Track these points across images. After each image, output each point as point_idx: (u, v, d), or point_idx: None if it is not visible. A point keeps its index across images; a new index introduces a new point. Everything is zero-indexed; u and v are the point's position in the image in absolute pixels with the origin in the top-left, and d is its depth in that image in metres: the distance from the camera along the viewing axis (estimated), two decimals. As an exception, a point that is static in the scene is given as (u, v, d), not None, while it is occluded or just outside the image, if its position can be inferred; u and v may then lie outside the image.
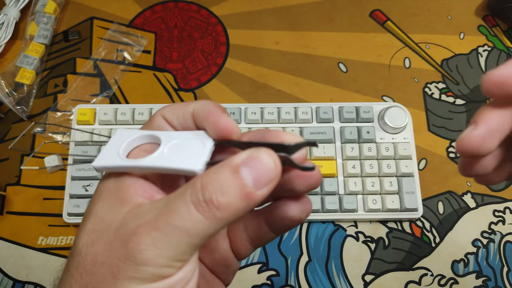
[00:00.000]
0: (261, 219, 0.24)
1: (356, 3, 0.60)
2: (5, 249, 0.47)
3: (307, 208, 0.23)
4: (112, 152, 0.21)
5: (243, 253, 0.25)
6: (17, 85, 0.53)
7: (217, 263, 0.25)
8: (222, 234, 0.25)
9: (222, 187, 0.18)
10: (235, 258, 0.25)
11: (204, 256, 0.25)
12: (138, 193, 0.20)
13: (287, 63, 0.56)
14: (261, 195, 0.18)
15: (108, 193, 0.20)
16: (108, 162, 0.21)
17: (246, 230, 0.24)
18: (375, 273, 0.47)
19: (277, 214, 0.23)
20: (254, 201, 0.18)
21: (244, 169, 0.18)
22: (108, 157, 0.21)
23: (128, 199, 0.20)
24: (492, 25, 0.59)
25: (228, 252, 0.25)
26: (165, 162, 0.20)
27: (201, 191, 0.18)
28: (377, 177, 0.48)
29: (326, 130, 0.49)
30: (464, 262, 0.48)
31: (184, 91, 0.55)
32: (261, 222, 0.24)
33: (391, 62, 0.57)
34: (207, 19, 0.59)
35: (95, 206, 0.20)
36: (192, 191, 0.18)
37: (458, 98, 0.55)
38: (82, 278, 0.19)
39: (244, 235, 0.24)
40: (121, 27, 0.58)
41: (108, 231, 0.19)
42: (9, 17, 0.56)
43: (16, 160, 0.51)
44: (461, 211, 0.50)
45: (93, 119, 0.50)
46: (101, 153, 0.21)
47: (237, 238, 0.25)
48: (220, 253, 0.24)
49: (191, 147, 0.21)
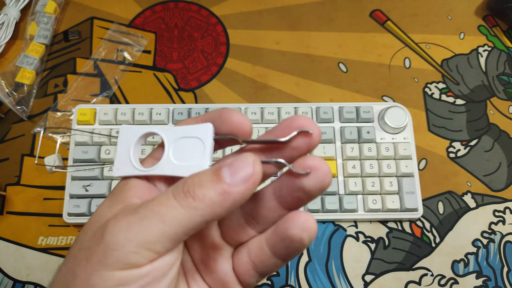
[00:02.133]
0: (262, 241, 0.23)
1: (356, 3, 0.60)
2: (5, 249, 0.47)
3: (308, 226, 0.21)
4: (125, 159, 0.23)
5: (247, 280, 0.24)
6: (17, 85, 0.53)
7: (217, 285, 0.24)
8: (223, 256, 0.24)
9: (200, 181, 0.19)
10: (238, 284, 0.24)
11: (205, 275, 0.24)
12: (136, 195, 0.21)
13: (287, 63, 0.56)
14: (239, 191, 0.19)
15: (113, 194, 0.22)
16: (125, 172, 0.23)
17: (249, 253, 0.24)
18: (375, 273, 0.47)
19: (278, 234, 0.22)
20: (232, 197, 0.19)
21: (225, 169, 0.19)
22: (123, 166, 0.23)
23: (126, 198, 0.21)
24: (492, 25, 0.59)
25: (231, 276, 0.24)
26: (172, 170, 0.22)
27: (182, 184, 0.19)
28: (377, 177, 0.48)
29: (326, 130, 0.49)
30: (464, 262, 0.48)
31: (184, 91, 0.55)
32: (263, 245, 0.23)
33: (391, 62, 0.57)
34: (207, 19, 0.59)
35: (101, 205, 0.22)
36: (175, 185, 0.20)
37: (458, 98, 0.55)
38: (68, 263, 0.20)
39: (247, 259, 0.24)
40: (121, 27, 0.58)
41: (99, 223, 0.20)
42: (9, 17, 0.56)
43: (16, 160, 0.51)
44: (461, 211, 0.50)
45: (93, 119, 0.50)
46: (116, 161, 0.23)
47: (241, 262, 0.24)
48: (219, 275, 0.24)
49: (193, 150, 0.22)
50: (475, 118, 0.54)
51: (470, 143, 0.53)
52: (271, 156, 0.22)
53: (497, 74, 0.56)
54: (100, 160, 0.48)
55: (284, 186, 0.22)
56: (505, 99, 0.55)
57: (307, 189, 0.21)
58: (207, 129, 0.22)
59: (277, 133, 0.22)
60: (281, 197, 0.22)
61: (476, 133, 0.53)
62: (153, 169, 0.22)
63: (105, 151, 0.48)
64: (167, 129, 0.23)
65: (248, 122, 0.22)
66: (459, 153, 0.52)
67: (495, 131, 0.53)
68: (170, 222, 0.18)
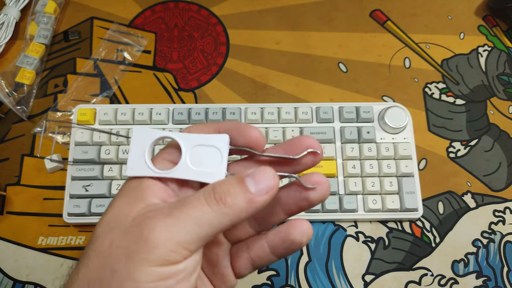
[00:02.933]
0: (264, 241, 0.27)
1: (356, 3, 0.60)
2: (5, 249, 0.47)
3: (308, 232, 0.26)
4: (139, 159, 0.24)
5: (242, 272, 0.27)
6: (17, 85, 0.53)
7: (216, 276, 0.27)
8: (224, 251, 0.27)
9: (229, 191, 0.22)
10: (233, 276, 0.27)
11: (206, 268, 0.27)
12: (155, 195, 0.23)
13: (287, 63, 0.56)
14: (262, 200, 0.22)
15: (129, 191, 0.23)
16: (140, 173, 0.24)
17: (249, 250, 0.27)
18: (375, 273, 0.47)
19: (279, 237, 0.26)
20: (256, 205, 0.22)
21: (248, 179, 0.22)
22: (138, 166, 0.24)
23: (145, 197, 0.23)
24: (492, 25, 0.59)
25: (227, 269, 0.27)
26: (190, 174, 0.24)
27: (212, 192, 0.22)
28: (377, 177, 0.48)
29: (326, 130, 0.49)
30: (464, 262, 0.48)
31: (184, 91, 0.55)
32: (264, 244, 0.27)
33: (391, 62, 0.57)
34: (207, 19, 0.59)
35: (116, 201, 0.23)
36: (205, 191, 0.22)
37: (458, 98, 0.55)
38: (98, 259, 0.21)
39: (246, 255, 0.27)
40: (121, 27, 0.58)
41: (125, 220, 0.22)
42: (9, 17, 0.56)
43: (16, 160, 0.51)
44: (461, 211, 0.50)
45: (93, 119, 0.50)
46: (129, 161, 0.24)
47: (240, 257, 0.27)
48: (219, 268, 0.27)
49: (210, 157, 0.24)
50: (475, 118, 0.54)
51: (470, 143, 0.53)
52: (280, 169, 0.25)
53: (497, 74, 0.56)
54: (100, 160, 0.48)
55: (291, 196, 0.26)
56: (505, 99, 0.55)
57: (311, 200, 0.25)
58: (223, 139, 0.24)
59: (286, 149, 0.25)
60: (285, 205, 0.26)
61: (476, 133, 0.53)
62: (170, 172, 0.24)
63: (105, 151, 0.48)
64: (183, 135, 0.25)
65: (264, 138, 0.25)
66: (459, 153, 0.52)
67: (495, 131, 0.53)
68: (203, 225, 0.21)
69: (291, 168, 0.26)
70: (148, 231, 0.21)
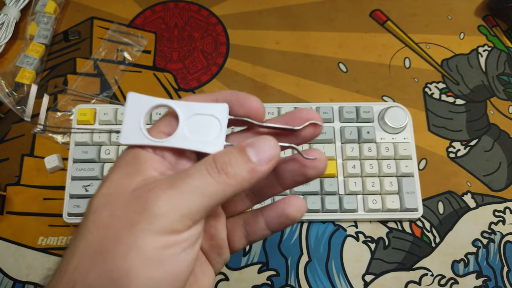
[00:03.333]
0: (260, 216, 0.27)
1: (356, 3, 0.60)
2: (5, 249, 0.47)
3: (302, 209, 0.26)
4: (134, 127, 0.23)
5: (236, 246, 0.28)
6: (17, 85, 0.53)
7: (212, 249, 0.27)
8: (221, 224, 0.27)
9: (231, 161, 0.22)
10: (228, 249, 0.28)
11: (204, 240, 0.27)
12: (153, 168, 0.23)
13: (287, 63, 0.56)
14: (264, 170, 0.22)
15: (126, 164, 0.23)
16: (134, 140, 0.23)
17: (245, 224, 0.27)
18: (375, 273, 0.47)
19: (276, 212, 0.26)
20: (258, 175, 0.22)
21: (249, 149, 0.22)
22: (133, 134, 0.23)
23: (143, 170, 0.22)
24: (492, 25, 0.59)
25: (224, 242, 0.27)
26: (187, 143, 0.23)
27: (214, 162, 0.22)
28: (377, 177, 0.48)
29: (326, 130, 0.49)
30: (464, 262, 0.48)
31: (184, 91, 0.55)
32: (260, 219, 0.27)
33: (391, 62, 0.57)
34: (207, 19, 0.59)
35: (112, 174, 0.23)
36: (206, 163, 0.22)
37: (458, 98, 0.55)
38: (99, 231, 0.21)
39: (242, 229, 0.27)
40: (121, 27, 0.58)
41: (124, 193, 0.21)
42: (9, 17, 0.56)
43: (16, 160, 0.51)
44: (461, 211, 0.50)
45: (93, 119, 0.50)
46: (124, 129, 0.23)
47: (236, 231, 0.27)
48: (217, 241, 0.27)
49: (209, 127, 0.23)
50: (475, 118, 0.54)
51: (470, 143, 0.53)
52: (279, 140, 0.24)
53: (497, 74, 0.56)
54: (100, 160, 0.48)
55: (288, 170, 0.26)
56: (505, 99, 0.55)
57: (308, 175, 0.25)
58: (223, 108, 0.23)
59: (286, 121, 0.25)
60: (282, 178, 0.26)
61: (476, 133, 0.53)
62: (166, 140, 0.23)
63: (105, 151, 0.48)
64: (181, 103, 0.24)
65: (264, 108, 0.24)
66: (459, 153, 0.52)
67: (495, 131, 0.53)
68: (206, 195, 0.21)
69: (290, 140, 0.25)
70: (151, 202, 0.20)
